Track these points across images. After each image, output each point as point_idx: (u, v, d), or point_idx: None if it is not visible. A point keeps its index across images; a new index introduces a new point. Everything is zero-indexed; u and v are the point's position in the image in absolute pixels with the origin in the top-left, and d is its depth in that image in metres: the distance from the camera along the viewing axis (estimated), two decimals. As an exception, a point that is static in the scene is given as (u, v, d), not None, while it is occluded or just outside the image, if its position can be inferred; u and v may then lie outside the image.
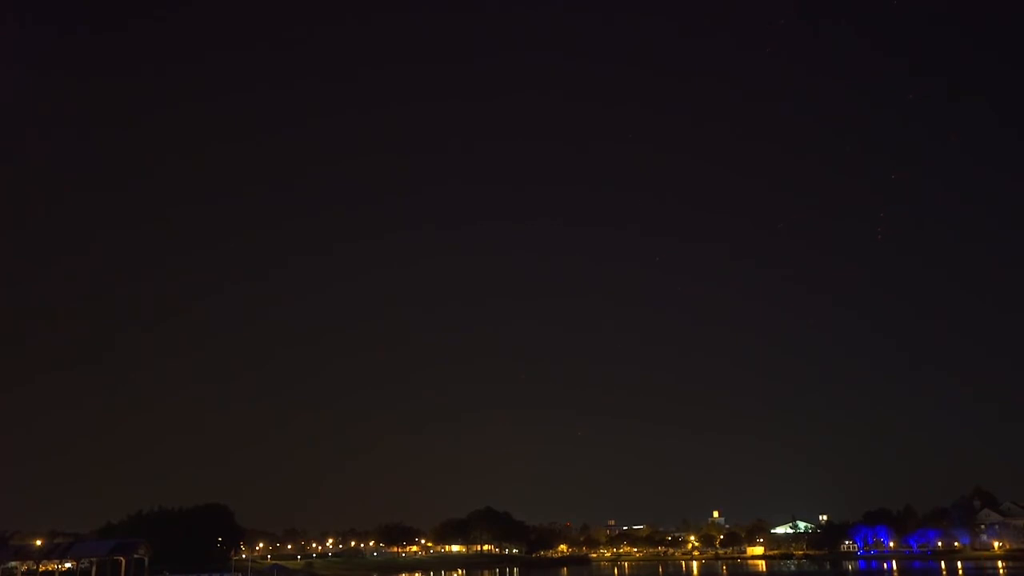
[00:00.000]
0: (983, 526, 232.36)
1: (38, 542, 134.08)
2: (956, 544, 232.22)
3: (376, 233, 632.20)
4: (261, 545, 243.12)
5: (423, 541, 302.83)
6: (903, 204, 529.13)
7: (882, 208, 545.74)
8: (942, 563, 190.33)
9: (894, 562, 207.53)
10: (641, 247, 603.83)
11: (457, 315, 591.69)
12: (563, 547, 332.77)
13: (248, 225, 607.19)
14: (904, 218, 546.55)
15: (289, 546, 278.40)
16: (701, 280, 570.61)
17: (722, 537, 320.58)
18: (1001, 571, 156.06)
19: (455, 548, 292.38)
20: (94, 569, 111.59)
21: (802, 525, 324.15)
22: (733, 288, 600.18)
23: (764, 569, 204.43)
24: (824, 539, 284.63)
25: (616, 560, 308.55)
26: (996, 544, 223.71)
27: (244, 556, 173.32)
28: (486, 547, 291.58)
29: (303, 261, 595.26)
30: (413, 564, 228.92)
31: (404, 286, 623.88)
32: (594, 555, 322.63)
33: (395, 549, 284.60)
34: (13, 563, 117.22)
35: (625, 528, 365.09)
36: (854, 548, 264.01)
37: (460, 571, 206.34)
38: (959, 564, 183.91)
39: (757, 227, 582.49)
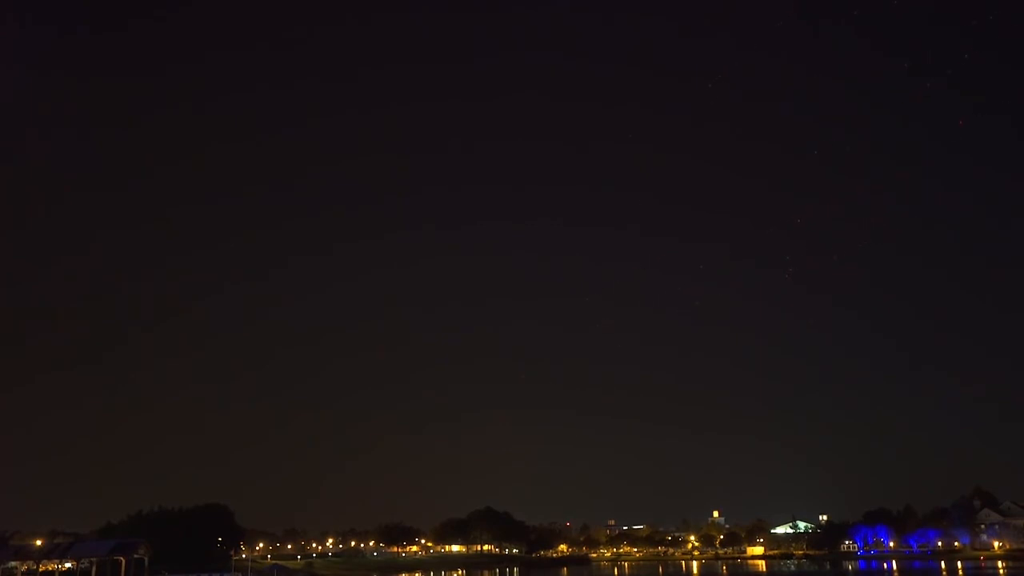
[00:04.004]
0: (983, 526, 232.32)
1: (38, 542, 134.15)
2: (956, 544, 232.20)
3: (376, 233, 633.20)
4: (261, 545, 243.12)
5: (423, 541, 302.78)
6: (903, 204, 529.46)
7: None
8: (942, 563, 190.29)
9: (894, 562, 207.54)
10: (641, 247, 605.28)
11: (457, 315, 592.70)
12: (563, 547, 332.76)
13: (248, 225, 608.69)
14: (904, 218, 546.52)
15: (289, 546, 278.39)
16: (701, 280, 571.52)
17: (722, 537, 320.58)
18: (1001, 571, 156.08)
19: (455, 548, 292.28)
20: (94, 569, 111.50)
21: (802, 525, 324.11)
22: (733, 288, 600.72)
23: (764, 569, 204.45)
24: (824, 539, 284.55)
25: (616, 560, 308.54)
26: (996, 544, 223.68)
27: (244, 556, 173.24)
28: (486, 547, 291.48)
29: (303, 261, 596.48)
30: (413, 564, 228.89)
31: (404, 286, 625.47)
32: (594, 555, 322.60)
33: (395, 549, 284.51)
34: (13, 563, 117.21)
35: (625, 528, 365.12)
36: (854, 548, 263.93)
37: (460, 571, 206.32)
38: (959, 564, 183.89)
39: (757, 227, 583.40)
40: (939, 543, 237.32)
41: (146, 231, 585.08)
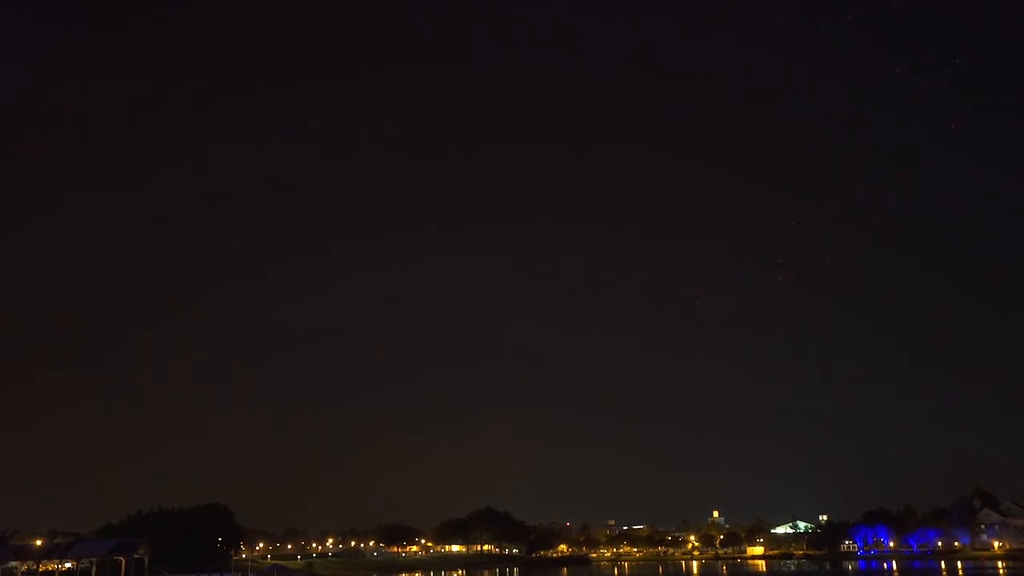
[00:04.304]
0: (983, 526, 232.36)
1: (38, 542, 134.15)
2: (956, 544, 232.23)
3: (376, 233, 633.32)
4: (261, 545, 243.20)
5: (423, 541, 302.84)
6: (903, 204, 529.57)
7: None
8: (942, 563, 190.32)
9: (894, 562, 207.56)
10: (641, 247, 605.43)
11: (457, 315, 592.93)
12: (563, 547, 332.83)
13: (248, 225, 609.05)
14: (904, 218, 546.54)
15: (289, 546, 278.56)
16: (701, 280, 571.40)
17: (722, 537, 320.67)
18: (1001, 571, 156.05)
19: (455, 548, 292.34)
20: (94, 569, 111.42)
21: (802, 525, 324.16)
22: (733, 288, 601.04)
23: (764, 569, 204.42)
24: (824, 539, 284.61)
25: (616, 560, 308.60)
26: (996, 544, 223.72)
27: (244, 556, 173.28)
28: (486, 547, 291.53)
29: (303, 261, 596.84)
30: (413, 564, 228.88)
31: (404, 286, 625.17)
32: (594, 555, 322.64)
33: (395, 549, 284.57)
34: (13, 563, 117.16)
35: (625, 528, 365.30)
36: (854, 548, 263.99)
37: (460, 571, 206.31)
38: (959, 564, 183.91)
39: (757, 227, 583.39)
40: (939, 543, 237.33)
41: (146, 231, 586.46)
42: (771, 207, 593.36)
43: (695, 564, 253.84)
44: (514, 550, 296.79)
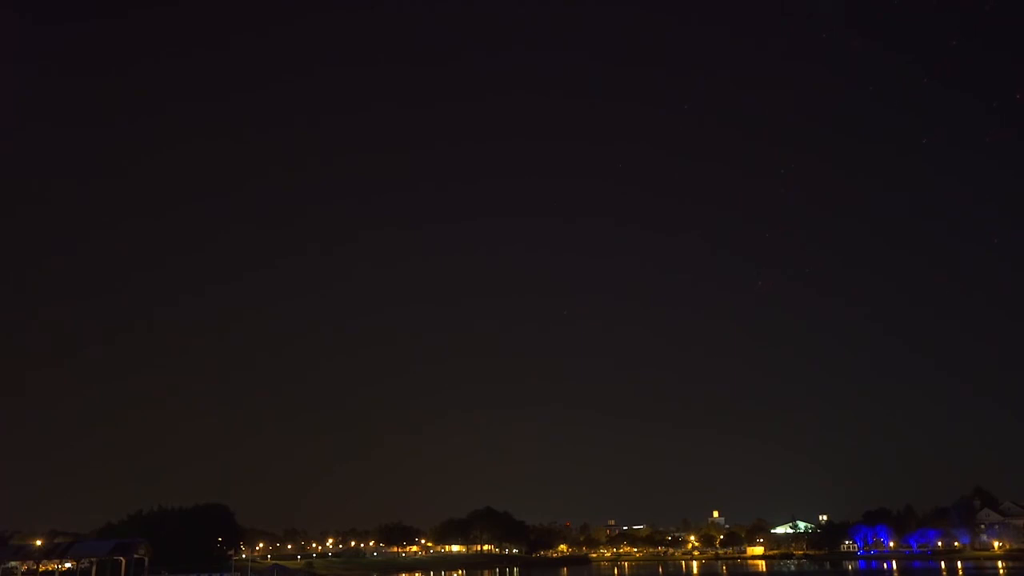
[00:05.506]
0: (983, 526, 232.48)
1: (38, 542, 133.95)
2: (956, 544, 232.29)
3: (372, 232, 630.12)
4: (261, 545, 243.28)
5: (423, 541, 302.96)
6: (903, 203, 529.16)
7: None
8: (942, 563, 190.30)
9: (894, 562, 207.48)
10: (641, 246, 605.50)
11: (456, 314, 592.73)
12: (563, 547, 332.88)
13: (246, 224, 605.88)
14: (904, 217, 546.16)
15: (289, 546, 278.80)
16: (701, 280, 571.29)
17: (722, 537, 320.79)
18: (1001, 571, 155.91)
19: (455, 548, 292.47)
20: (94, 569, 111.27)
21: (802, 525, 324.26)
22: (732, 287, 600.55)
23: (764, 569, 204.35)
24: (824, 539, 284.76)
25: (616, 560, 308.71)
26: (996, 544, 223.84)
27: (244, 556, 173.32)
28: (486, 547, 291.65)
29: (302, 260, 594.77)
30: (413, 564, 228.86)
31: (401, 286, 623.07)
32: (594, 555, 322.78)
33: (395, 549, 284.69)
34: (13, 563, 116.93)
35: (625, 528, 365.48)
36: (854, 548, 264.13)
37: (460, 571, 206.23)
38: (959, 564, 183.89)
39: (758, 226, 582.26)
40: (939, 543, 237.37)
41: (144, 229, 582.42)
42: (771, 206, 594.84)
43: (695, 564, 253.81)
44: (514, 550, 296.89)
